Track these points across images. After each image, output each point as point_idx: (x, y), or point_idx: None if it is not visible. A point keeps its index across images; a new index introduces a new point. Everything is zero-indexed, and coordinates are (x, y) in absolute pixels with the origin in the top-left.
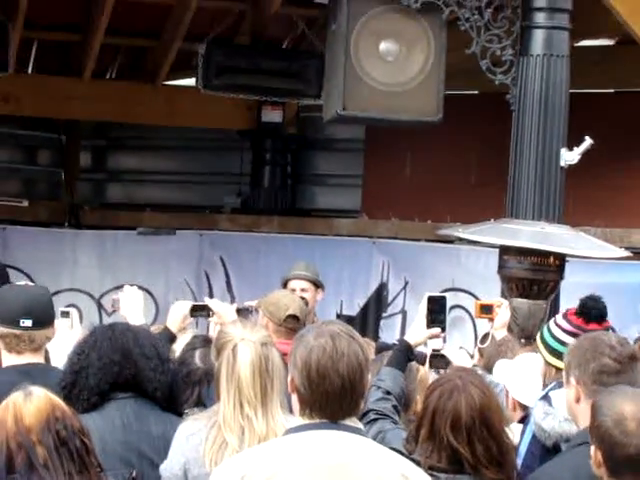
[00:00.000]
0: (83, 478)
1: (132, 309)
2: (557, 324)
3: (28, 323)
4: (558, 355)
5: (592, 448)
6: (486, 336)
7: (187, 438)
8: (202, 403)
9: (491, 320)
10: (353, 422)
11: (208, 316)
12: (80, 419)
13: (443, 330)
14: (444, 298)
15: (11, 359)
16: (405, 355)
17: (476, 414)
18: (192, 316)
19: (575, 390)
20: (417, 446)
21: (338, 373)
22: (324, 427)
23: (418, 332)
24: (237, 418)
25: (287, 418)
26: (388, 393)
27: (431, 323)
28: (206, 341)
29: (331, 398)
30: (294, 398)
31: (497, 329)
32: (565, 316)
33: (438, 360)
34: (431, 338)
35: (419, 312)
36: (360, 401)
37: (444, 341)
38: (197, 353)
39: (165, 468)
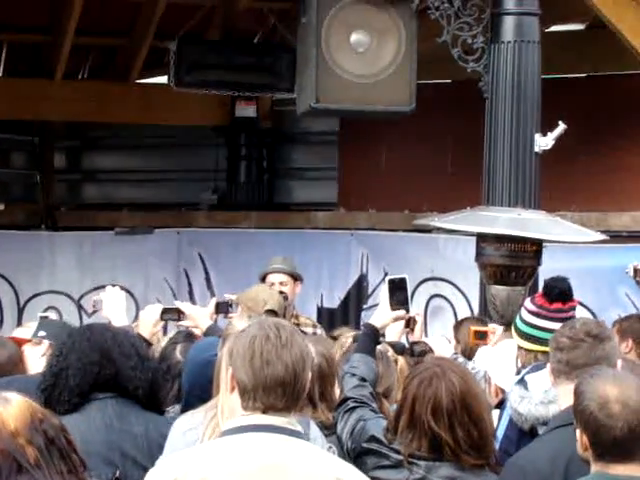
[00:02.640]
0: (73, 478)
1: (115, 310)
2: (525, 307)
3: None
4: (527, 337)
5: (577, 432)
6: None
7: (184, 433)
8: (181, 398)
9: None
10: (291, 424)
11: (178, 319)
12: (59, 418)
13: (407, 311)
14: (404, 280)
15: None
16: (372, 339)
17: (457, 399)
18: (162, 319)
19: (549, 372)
20: (397, 435)
21: (282, 360)
22: (261, 430)
23: (383, 315)
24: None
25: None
26: (364, 380)
27: (394, 305)
28: (188, 336)
29: (275, 385)
30: (234, 397)
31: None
32: (532, 299)
33: (420, 346)
34: (396, 320)
35: (381, 296)
36: (302, 395)
37: (425, 333)
38: (178, 347)
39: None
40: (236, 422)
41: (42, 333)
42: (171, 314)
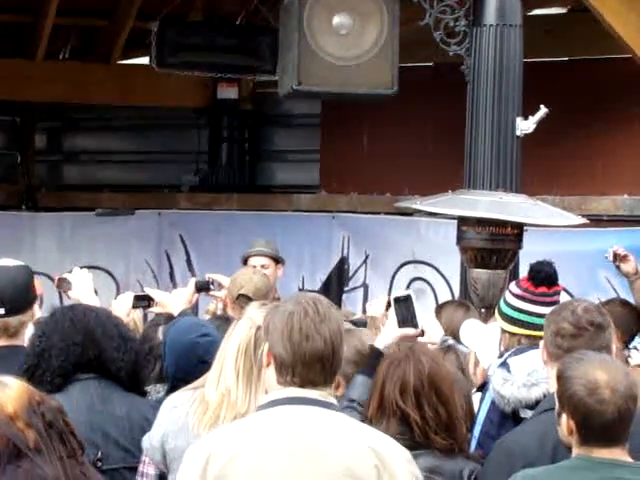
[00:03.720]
0: (72, 462)
1: (84, 291)
2: (509, 290)
3: (1, 311)
4: (511, 320)
5: (563, 417)
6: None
7: (171, 410)
8: (164, 378)
9: None
10: (325, 396)
11: (149, 306)
12: (57, 400)
13: (416, 327)
14: (409, 297)
15: None
16: (377, 362)
17: (425, 379)
18: (134, 307)
19: (542, 353)
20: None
21: (321, 335)
22: (292, 402)
23: (389, 334)
24: (220, 385)
25: None
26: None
27: (402, 324)
28: (170, 318)
29: (314, 360)
30: (269, 371)
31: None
32: (517, 282)
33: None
34: (404, 338)
35: (389, 317)
36: (338, 369)
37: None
38: (160, 329)
39: (145, 439)
40: (270, 396)
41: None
42: (142, 301)
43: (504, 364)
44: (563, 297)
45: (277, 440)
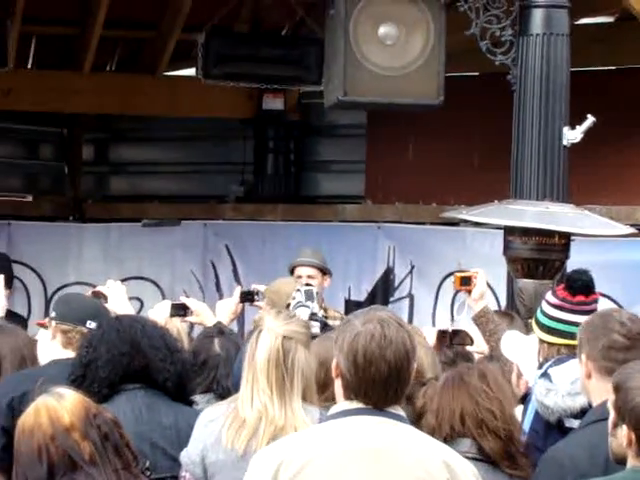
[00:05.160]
0: (127, 474)
1: (119, 303)
2: (546, 300)
3: (93, 325)
4: (549, 330)
5: (622, 428)
6: (461, 306)
7: (206, 424)
8: (213, 389)
9: (469, 292)
10: (395, 409)
11: (185, 315)
12: (112, 412)
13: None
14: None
15: (65, 353)
16: None
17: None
18: (171, 316)
19: (586, 367)
20: None
21: (385, 359)
22: (364, 413)
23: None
24: (255, 402)
25: (310, 411)
26: None
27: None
28: (221, 331)
29: (377, 384)
30: (337, 383)
31: (475, 300)
32: (554, 292)
33: (460, 337)
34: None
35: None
36: (405, 389)
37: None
38: (216, 341)
39: (184, 455)
40: (341, 406)
41: (53, 314)
42: (179, 310)
43: (545, 374)
44: (608, 305)
45: (350, 450)
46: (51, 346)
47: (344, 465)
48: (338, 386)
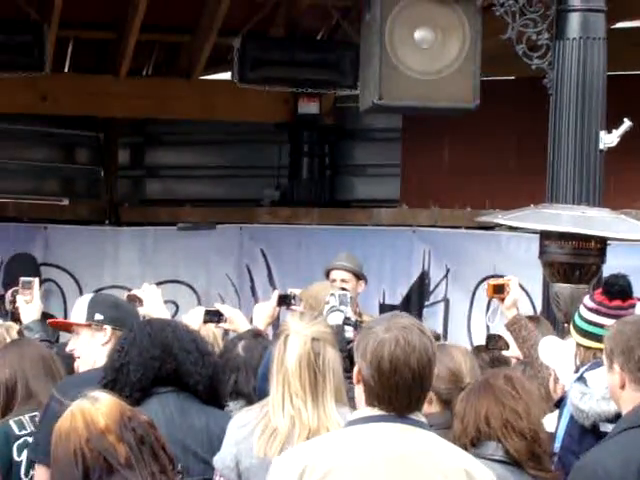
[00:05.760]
0: (163, 477)
1: (154, 306)
2: (584, 304)
3: None
4: (585, 334)
5: None
6: (494, 313)
7: (239, 429)
8: (238, 392)
9: (502, 300)
10: (417, 416)
11: (219, 321)
12: (147, 415)
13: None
14: None
15: None
16: None
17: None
18: (204, 322)
19: (620, 377)
20: None
21: (409, 367)
22: (387, 420)
23: None
24: (287, 408)
25: (342, 412)
26: None
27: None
28: (256, 335)
29: (401, 391)
30: (359, 389)
31: (508, 309)
32: (591, 296)
33: (495, 341)
34: None
35: None
36: (427, 394)
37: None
38: (241, 342)
39: (217, 460)
40: (362, 412)
41: (99, 317)
42: (213, 316)
43: (581, 378)
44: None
45: (373, 456)
46: (105, 351)
47: (366, 471)
48: (359, 392)
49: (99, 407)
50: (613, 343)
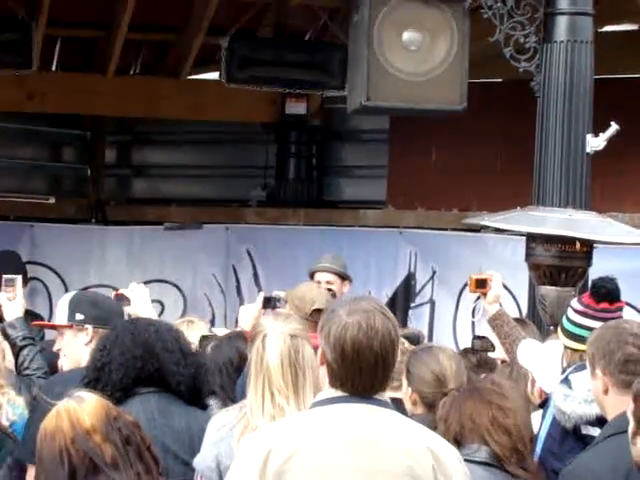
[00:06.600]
0: (149, 478)
1: (142, 306)
2: (571, 306)
3: None
4: (572, 336)
5: None
6: (478, 309)
7: (218, 430)
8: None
9: (484, 294)
10: (381, 396)
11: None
12: (132, 415)
13: None
14: None
15: None
16: None
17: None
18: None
19: (602, 382)
20: None
21: (372, 350)
22: (351, 400)
23: None
24: (267, 407)
25: None
26: None
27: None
28: (233, 336)
29: (364, 374)
30: (323, 370)
31: (490, 303)
32: (579, 299)
33: (481, 342)
34: None
35: None
36: (390, 375)
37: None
38: (212, 342)
39: (199, 461)
40: (326, 394)
41: (80, 317)
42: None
43: (566, 380)
44: (631, 315)
45: (338, 438)
46: (88, 350)
47: (332, 453)
48: (323, 373)
49: (85, 407)
50: (594, 348)
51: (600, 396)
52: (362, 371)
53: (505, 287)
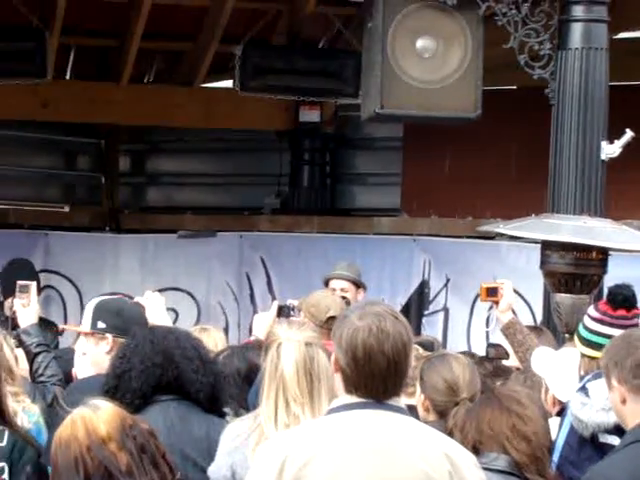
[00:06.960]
0: None
1: (157, 314)
2: (588, 314)
3: None
4: (589, 344)
5: None
6: (492, 318)
7: (233, 439)
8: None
9: (496, 303)
10: (396, 402)
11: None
12: (148, 423)
13: None
14: None
15: None
16: None
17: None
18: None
19: (619, 392)
20: None
21: (384, 354)
22: (367, 407)
23: None
24: (281, 416)
25: None
26: None
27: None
28: (247, 346)
29: (376, 378)
30: (337, 377)
31: (503, 312)
32: (596, 306)
33: (495, 350)
34: None
35: None
36: (403, 381)
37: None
38: (226, 352)
39: (213, 470)
40: (341, 400)
41: (101, 325)
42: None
43: (583, 388)
44: None
45: (354, 444)
46: (108, 359)
47: (348, 459)
48: (338, 380)
49: (100, 415)
50: (607, 358)
51: (618, 406)
52: (375, 375)
53: (519, 295)
